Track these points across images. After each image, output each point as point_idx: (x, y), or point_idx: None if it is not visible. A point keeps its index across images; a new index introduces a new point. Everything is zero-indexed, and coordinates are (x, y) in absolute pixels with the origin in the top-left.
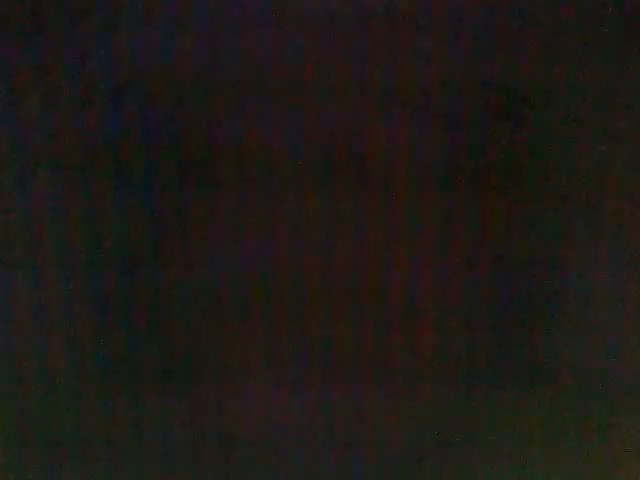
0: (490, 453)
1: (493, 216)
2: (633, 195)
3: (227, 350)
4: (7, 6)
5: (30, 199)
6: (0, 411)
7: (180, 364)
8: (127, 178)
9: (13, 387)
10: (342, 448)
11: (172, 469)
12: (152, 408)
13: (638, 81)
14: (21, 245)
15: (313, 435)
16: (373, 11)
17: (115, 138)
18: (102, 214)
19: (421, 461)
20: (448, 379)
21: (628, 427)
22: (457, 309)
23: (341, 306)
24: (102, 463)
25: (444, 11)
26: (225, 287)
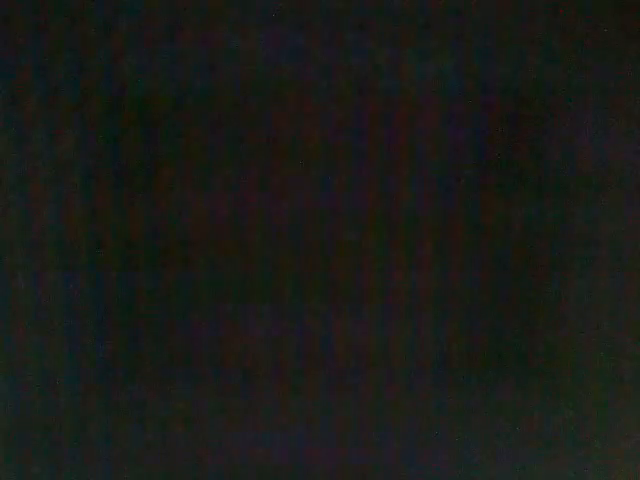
0: (490, 453)
1: (493, 216)
2: (633, 194)
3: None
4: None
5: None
6: (0, 411)
7: (180, 363)
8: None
9: (13, 387)
10: (342, 448)
11: (172, 469)
12: (152, 407)
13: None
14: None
15: (312, 436)
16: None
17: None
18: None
19: (420, 460)
20: (447, 379)
21: (628, 427)
22: (457, 309)
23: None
24: (102, 463)
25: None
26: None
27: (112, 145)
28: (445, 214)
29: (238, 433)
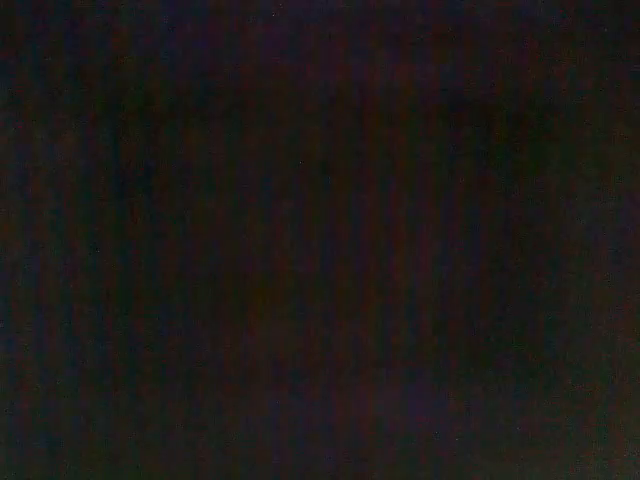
0: (490, 453)
1: (494, 217)
2: (633, 195)
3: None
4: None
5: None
6: (0, 411)
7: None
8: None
9: (13, 387)
10: (342, 448)
11: (172, 469)
12: (152, 408)
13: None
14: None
15: (312, 436)
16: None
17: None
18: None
19: (420, 461)
20: (448, 378)
21: (628, 427)
22: (457, 308)
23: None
24: (102, 463)
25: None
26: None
27: (112, 145)
28: (445, 213)
29: (237, 434)
